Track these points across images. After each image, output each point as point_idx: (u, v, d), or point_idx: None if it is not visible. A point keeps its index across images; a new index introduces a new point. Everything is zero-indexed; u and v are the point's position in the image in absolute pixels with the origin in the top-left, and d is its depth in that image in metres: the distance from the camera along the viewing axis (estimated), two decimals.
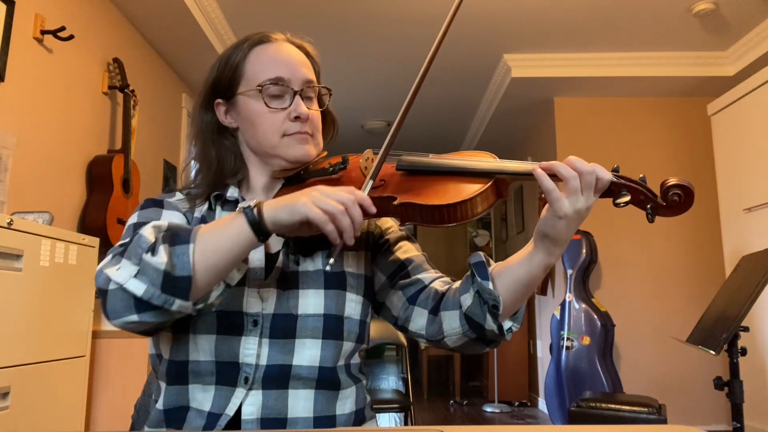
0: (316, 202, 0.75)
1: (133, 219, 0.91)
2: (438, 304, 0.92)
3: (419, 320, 0.93)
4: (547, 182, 0.78)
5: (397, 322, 0.97)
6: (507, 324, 0.88)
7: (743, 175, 3.21)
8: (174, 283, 0.74)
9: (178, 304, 0.75)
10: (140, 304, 0.74)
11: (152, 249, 0.75)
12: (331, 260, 0.77)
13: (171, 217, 0.92)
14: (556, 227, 0.79)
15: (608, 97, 4.36)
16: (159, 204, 0.94)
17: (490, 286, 0.84)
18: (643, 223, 4.31)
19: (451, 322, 0.89)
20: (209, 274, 0.77)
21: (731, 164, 3.34)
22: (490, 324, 0.85)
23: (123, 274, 0.75)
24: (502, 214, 6.59)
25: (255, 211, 0.76)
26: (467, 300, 0.87)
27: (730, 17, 3.39)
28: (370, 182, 0.83)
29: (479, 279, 0.85)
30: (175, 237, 0.77)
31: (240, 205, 0.78)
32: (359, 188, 0.87)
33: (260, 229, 0.76)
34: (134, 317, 0.75)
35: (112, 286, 0.75)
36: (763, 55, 3.54)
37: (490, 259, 0.89)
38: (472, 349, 0.92)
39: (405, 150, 0.91)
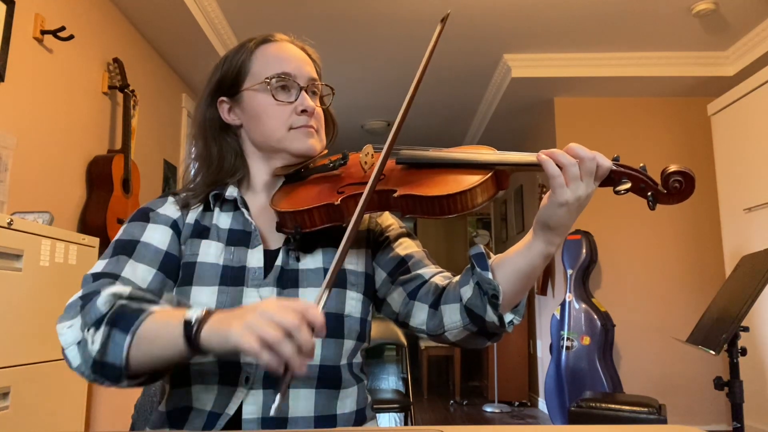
0: (251, 328, 0.63)
1: (118, 234, 0.92)
2: (438, 298, 0.91)
3: (420, 315, 0.93)
4: (552, 168, 0.77)
5: (398, 318, 0.97)
6: (508, 317, 0.87)
7: (743, 175, 3.21)
8: (104, 368, 0.75)
9: (108, 384, 0.76)
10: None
11: (98, 323, 0.76)
12: (277, 399, 0.63)
13: (154, 234, 0.91)
14: (557, 215, 0.79)
15: (608, 97, 4.36)
16: (146, 217, 0.93)
17: (490, 276, 0.84)
18: (643, 224, 4.32)
19: (452, 316, 0.89)
20: (143, 367, 0.75)
21: (731, 164, 3.34)
22: (490, 315, 0.85)
23: (68, 338, 0.78)
24: (502, 214, 6.59)
25: (195, 328, 0.69)
26: (467, 292, 0.86)
27: (730, 17, 3.39)
28: (326, 292, 0.72)
29: (479, 270, 0.85)
30: (119, 320, 0.75)
31: (187, 314, 0.70)
32: (355, 181, 0.87)
33: (195, 348, 0.70)
34: (79, 374, 0.79)
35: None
36: (763, 55, 3.54)
37: (491, 252, 0.89)
38: (473, 342, 0.91)
39: (405, 144, 0.91)
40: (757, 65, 3.56)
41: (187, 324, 0.69)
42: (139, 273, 0.87)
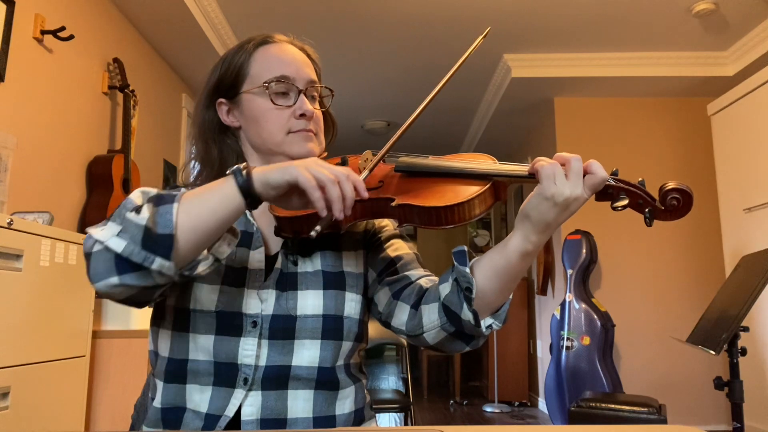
0: (308, 168, 0.74)
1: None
2: (420, 299, 0.91)
3: (401, 315, 0.93)
4: (548, 160, 0.78)
5: (382, 318, 0.97)
6: (487, 321, 0.85)
7: (743, 175, 3.21)
8: (155, 240, 0.73)
9: (158, 262, 0.73)
10: (121, 262, 0.73)
11: (137, 209, 0.75)
12: (318, 227, 0.74)
13: None
14: (539, 208, 0.78)
15: (608, 97, 4.36)
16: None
17: (467, 270, 0.83)
18: (643, 224, 4.30)
19: (431, 315, 0.88)
20: (193, 236, 0.75)
21: (731, 164, 3.34)
22: (466, 313, 0.83)
23: (106, 233, 0.74)
24: (501, 215, 6.60)
25: (245, 172, 0.75)
26: (446, 289, 0.86)
27: (730, 17, 3.39)
28: (366, 172, 0.84)
29: (457, 265, 0.84)
30: (160, 198, 0.77)
31: (230, 169, 0.77)
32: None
33: (248, 191, 0.75)
34: (115, 279, 0.73)
35: (96, 248, 0.74)
36: (763, 55, 3.54)
37: (476, 255, 0.89)
38: (451, 346, 0.90)
39: (404, 151, 0.91)
40: (757, 65, 3.56)
41: (236, 170, 0.76)
42: None
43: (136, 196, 0.78)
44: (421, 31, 3.54)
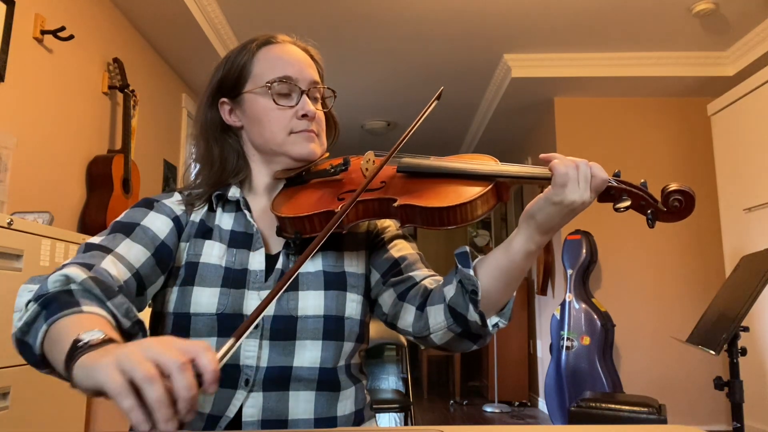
0: (121, 363, 0.51)
1: (119, 217, 0.92)
2: (425, 300, 0.91)
3: (407, 317, 0.93)
4: (562, 167, 0.77)
5: (387, 319, 0.97)
6: (493, 319, 0.86)
7: (743, 175, 3.21)
8: (24, 347, 0.70)
9: (32, 362, 0.71)
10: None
11: (38, 299, 0.71)
12: None
13: (155, 221, 0.91)
14: (546, 211, 0.78)
15: (608, 97, 4.36)
16: (150, 205, 0.94)
17: (471, 272, 0.83)
18: (643, 224, 4.29)
19: (437, 317, 0.88)
20: (55, 363, 0.65)
21: (731, 164, 3.34)
22: (472, 314, 0.84)
23: (20, 302, 0.73)
24: (502, 215, 6.60)
25: (79, 352, 0.58)
26: (450, 291, 0.86)
27: (730, 17, 3.39)
28: (234, 343, 0.60)
29: (461, 267, 0.85)
30: (50, 304, 0.69)
31: (82, 334, 0.60)
32: (355, 188, 0.87)
33: (68, 375, 0.59)
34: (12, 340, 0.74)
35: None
36: (763, 55, 3.54)
37: (478, 255, 0.89)
38: (459, 346, 0.90)
39: (404, 150, 0.91)
40: (757, 65, 3.56)
41: (76, 343, 0.58)
42: (134, 252, 0.86)
43: (53, 280, 0.72)
44: (421, 30, 3.53)
